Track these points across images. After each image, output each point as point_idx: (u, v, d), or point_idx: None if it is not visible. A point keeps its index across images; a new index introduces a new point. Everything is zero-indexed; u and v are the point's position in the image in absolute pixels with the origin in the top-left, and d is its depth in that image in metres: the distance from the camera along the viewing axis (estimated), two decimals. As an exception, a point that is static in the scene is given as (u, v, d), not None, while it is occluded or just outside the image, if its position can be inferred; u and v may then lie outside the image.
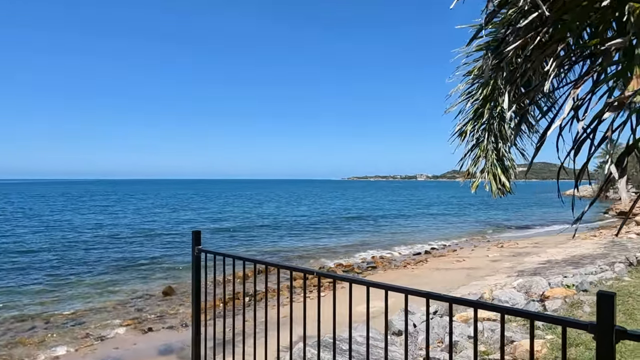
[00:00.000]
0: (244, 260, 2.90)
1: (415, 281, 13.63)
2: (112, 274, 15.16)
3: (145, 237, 24.01)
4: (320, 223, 32.59)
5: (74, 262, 17.15)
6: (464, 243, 22.83)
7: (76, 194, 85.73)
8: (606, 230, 23.56)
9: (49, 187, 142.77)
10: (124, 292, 13.03)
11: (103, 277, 14.75)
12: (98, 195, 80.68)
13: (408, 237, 25.07)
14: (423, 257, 18.46)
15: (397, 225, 31.13)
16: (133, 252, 19.54)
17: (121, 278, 14.67)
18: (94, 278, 14.62)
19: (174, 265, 16.89)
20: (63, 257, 18.12)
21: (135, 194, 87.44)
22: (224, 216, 37.61)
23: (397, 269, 15.99)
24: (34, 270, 15.51)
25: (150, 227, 28.78)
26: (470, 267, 15.45)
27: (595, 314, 1.27)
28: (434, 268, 15.76)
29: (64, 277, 14.62)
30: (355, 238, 24.56)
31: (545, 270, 12.58)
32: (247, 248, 20.94)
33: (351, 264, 16.82)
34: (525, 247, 20.00)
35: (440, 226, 30.93)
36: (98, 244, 21.46)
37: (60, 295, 12.51)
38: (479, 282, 12.21)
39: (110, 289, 13.27)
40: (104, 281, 14.20)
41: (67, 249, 20.04)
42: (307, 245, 21.96)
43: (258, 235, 25.53)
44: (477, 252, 19.09)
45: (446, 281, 13.18)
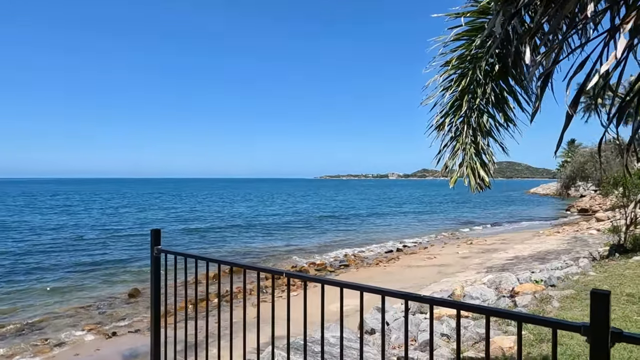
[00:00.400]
0: (207, 261, 2.71)
1: (387, 278, 13.67)
2: (75, 278, 14.47)
3: (111, 238, 23.14)
4: (293, 222, 32.38)
5: (33, 266, 16.29)
6: (435, 240, 23.16)
7: (37, 193, 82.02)
8: (569, 227, 24.46)
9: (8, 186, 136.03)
10: (87, 296, 12.44)
11: (64, 281, 14.05)
12: (60, 195, 77.44)
13: (380, 235, 25.22)
14: (395, 254, 18.58)
15: (369, 224, 31.31)
16: (97, 254, 18.76)
17: (84, 281, 14.01)
18: (55, 282, 13.90)
19: (141, 266, 16.29)
20: (20, 261, 17.20)
21: (102, 193, 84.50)
22: (194, 216, 36.81)
23: (369, 267, 16.02)
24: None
25: (116, 228, 27.80)
26: (441, 263, 15.65)
27: (589, 315, 1.17)
28: (406, 265, 15.88)
29: (21, 283, 13.83)
30: (328, 237, 24.52)
31: (513, 266, 12.88)
32: (218, 248, 20.52)
33: (324, 262, 16.73)
34: (493, 243, 20.47)
35: (412, 224, 31.33)
36: (59, 247, 20.50)
37: (17, 302, 11.79)
38: (449, 279, 12.35)
39: (72, 293, 12.64)
40: (65, 285, 13.52)
41: (25, 253, 19.05)
42: (279, 244, 21.73)
43: (229, 235, 25.08)
44: (448, 249, 19.39)
45: (418, 278, 13.28)
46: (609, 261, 9.22)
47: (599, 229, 20.47)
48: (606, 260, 9.49)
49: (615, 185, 10.75)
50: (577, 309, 5.40)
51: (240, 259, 17.90)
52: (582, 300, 5.78)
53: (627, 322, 4.83)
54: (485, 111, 2.81)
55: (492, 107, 2.80)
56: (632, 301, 5.52)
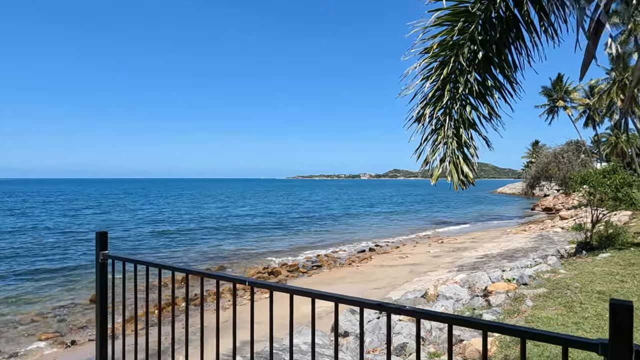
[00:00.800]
0: (160, 268, 2.41)
1: (359, 278, 13.56)
2: (32, 284, 13.62)
3: (72, 242, 22.08)
4: (265, 223, 31.93)
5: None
6: (407, 240, 23.29)
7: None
8: (534, 225, 25.14)
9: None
10: (44, 302, 11.70)
11: (20, 288, 13.21)
12: (18, 195, 73.76)
13: (353, 235, 25.18)
14: (367, 254, 18.52)
15: (342, 224, 31.25)
16: (56, 258, 17.81)
17: (42, 288, 13.20)
18: (9, 290, 13.05)
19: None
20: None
21: (66, 194, 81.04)
22: (162, 217, 35.74)
23: (342, 267, 15.87)
24: None
25: (79, 231, 26.59)
26: (413, 263, 15.68)
27: (608, 330, 0.99)
28: (378, 265, 15.82)
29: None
30: (301, 237, 24.26)
31: (484, 265, 13.01)
32: (187, 250, 19.89)
33: (296, 263, 16.46)
34: (463, 242, 20.76)
35: (385, 224, 31.48)
36: (15, 251, 19.38)
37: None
38: (422, 278, 12.35)
39: (29, 301, 11.87)
40: (21, 293, 12.69)
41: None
42: (251, 246, 21.31)
43: (200, 237, 24.42)
44: (419, 248, 19.51)
45: (390, 277, 13.23)
46: (576, 259, 9.40)
47: (564, 227, 21.10)
48: (574, 258, 9.67)
49: (581, 183, 11.00)
50: (551, 307, 5.38)
51: (210, 261, 17.40)
52: (554, 298, 5.78)
53: (600, 321, 4.82)
54: (468, 102, 2.65)
55: (475, 98, 2.65)
56: (604, 299, 5.56)
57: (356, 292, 11.51)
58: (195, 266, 16.16)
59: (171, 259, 17.77)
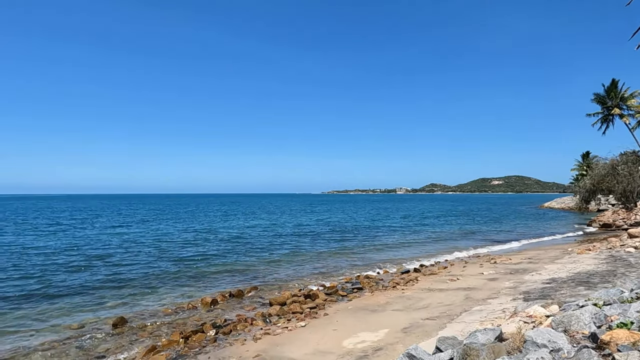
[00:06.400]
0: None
1: (407, 304, 12.00)
2: (57, 305, 12.95)
3: (99, 258, 21.71)
4: (299, 240, 30.75)
5: (9, 292, 14.87)
6: (454, 259, 21.40)
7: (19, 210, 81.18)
8: (599, 244, 22.54)
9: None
10: (67, 326, 10.90)
11: (44, 308, 12.56)
12: (45, 211, 76.47)
13: (394, 254, 23.51)
14: (412, 275, 16.87)
15: (381, 241, 29.58)
16: (82, 274, 17.29)
17: (67, 308, 12.49)
18: (32, 310, 12.42)
19: (132, 291, 14.76)
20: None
21: (89, 209, 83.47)
22: (212, 234, 35.33)
23: (385, 290, 14.34)
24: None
25: (106, 248, 26.37)
26: (466, 287, 13.93)
27: None
28: (427, 288, 14.18)
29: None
30: (338, 255, 22.85)
31: (554, 292, 11.15)
32: (219, 267, 18.91)
33: (335, 285, 15.06)
34: (519, 262, 18.68)
35: (427, 241, 29.53)
36: (44, 268, 19.10)
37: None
38: (482, 307, 10.65)
39: (51, 323, 11.13)
40: (45, 313, 12.01)
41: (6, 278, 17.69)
42: (285, 264, 20.12)
43: (229, 254, 23.52)
44: (470, 269, 17.64)
45: (443, 305, 11.59)
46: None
47: (637, 246, 18.61)
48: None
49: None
50: None
51: (245, 280, 16.31)
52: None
53: None
54: None
55: None
56: None
57: (405, 323, 9.99)
58: (224, 286, 15.09)
59: (203, 277, 16.82)
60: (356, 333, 9.40)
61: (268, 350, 8.60)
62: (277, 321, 10.99)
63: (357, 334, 9.35)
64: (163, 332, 10.39)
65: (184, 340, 9.60)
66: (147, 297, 13.76)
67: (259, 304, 13.13)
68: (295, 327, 10.29)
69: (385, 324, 10.03)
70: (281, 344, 9.02)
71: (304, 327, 10.36)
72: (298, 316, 11.28)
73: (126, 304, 12.96)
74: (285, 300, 12.83)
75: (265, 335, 9.79)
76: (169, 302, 13.13)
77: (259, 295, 14.16)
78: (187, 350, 9.04)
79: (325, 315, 11.37)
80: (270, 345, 8.94)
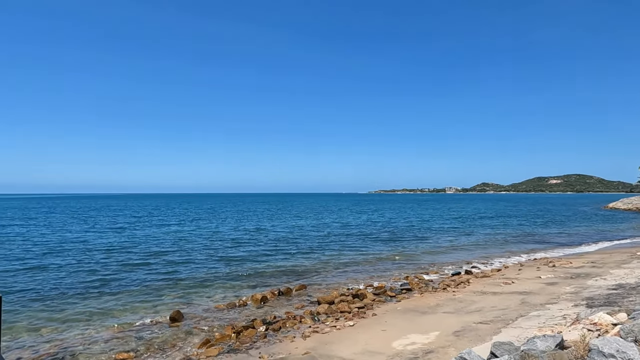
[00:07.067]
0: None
1: (459, 307, 11.65)
2: (119, 298, 13.81)
3: (155, 256, 22.84)
4: (343, 239, 30.73)
5: (76, 286, 15.99)
6: (508, 261, 20.50)
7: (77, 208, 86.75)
8: (673, 248, 20.69)
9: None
10: (127, 318, 11.59)
11: (108, 301, 13.42)
12: (107, 210, 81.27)
13: (444, 255, 22.90)
14: (464, 277, 16.35)
15: (431, 242, 28.91)
16: (140, 270, 18.29)
17: (128, 301, 13.29)
18: (98, 303, 13.30)
19: (190, 284, 15.47)
20: (67, 279, 17.06)
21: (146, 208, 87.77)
22: (261, 233, 36.29)
23: (435, 292, 14.00)
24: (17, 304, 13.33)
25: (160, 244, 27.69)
26: (522, 290, 13.30)
27: None
28: (479, 291, 13.69)
29: (64, 304, 13.33)
30: (385, 255, 22.60)
31: (622, 299, 10.38)
32: (268, 265, 19.31)
33: (383, 285, 14.91)
34: (581, 266, 17.56)
35: (479, 243, 28.49)
36: (105, 264, 20.39)
37: (57, 325, 11.14)
38: (540, 312, 10.12)
39: (114, 315, 11.87)
40: (108, 306, 12.84)
41: (75, 271, 19.03)
42: (333, 263, 20.18)
43: (272, 251, 23.94)
44: (526, 272, 16.82)
45: (497, 309, 11.13)
46: None
47: None
48: None
49: None
50: None
51: (293, 279, 16.55)
52: None
53: None
54: None
55: None
56: None
57: (456, 326, 9.70)
58: (273, 284, 15.39)
59: (252, 275, 17.26)
60: (406, 334, 9.26)
61: (317, 348, 8.67)
62: (325, 320, 11.05)
63: (407, 335, 9.20)
64: (216, 326, 10.78)
65: (236, 335, 9.90)
66: (201, 293, 14.32)
67: (307, 302, 13.27)
68: (343, 326, 10.30)
69: (435, 326, 9.79)
70: (330, 342, 9.06)
71: (352, 326, 10.34)
72: (346, 315, 11.28)
73: (181, 299, 13.56)
74: (334, 299, 12.87)
75: (313, 333, 9.87)
76: (220, 298, 13.59)
77: (307, 293, 14.31)
78: (239, 344, 9.31)
79: (374, 315, 11.29)
80: (319, 344, 9.01)
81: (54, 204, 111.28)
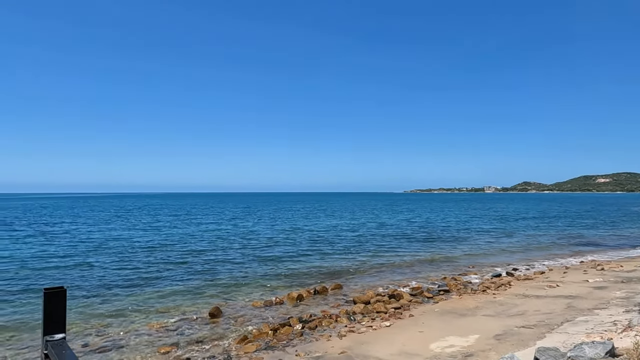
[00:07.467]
0: None
1: (500, 310, 11.29)
2: (161, 293, 14.34)
3: (195, 253, 23.51)
4: (380, 239, 30.45)
5: (120, 282, 16.70)
6: (552, 264, 19.66)
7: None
8: None
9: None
10: (168, 311, 12.02)
11: (152, 296, 13.96)
12: (144, 209, 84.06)
13: (484, 256, 22.26)
14: (505, 279, 15.82)
15: (470, 243, 28.17)
16: (181, 267, 18.88)
17: (170, 297, 13.78)
18: (143, 297, 13.86)
19: (228, 281, 15.87)
20: (114, 276, 17.84)
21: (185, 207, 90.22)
22: (296, 233, 36.70)
23: (474, 294, 13.63)
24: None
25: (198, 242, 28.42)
26: (568, 294, 12.72)
27: None
28: (521, 294, 13.21)
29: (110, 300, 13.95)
30: (422, 256, 22.22)
31: (680, 305, 9.71)
32: (297, 265, 19.46)
33: (420, 286, 14.68)
34: (633, 270, 16.59)
35: (521, 243, 27.49)
36: (137, 259, 21.18)
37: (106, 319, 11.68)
38: (588, 317, 9.64)
39: (156, 309, 12.34)
40: (152, 301, 13.36)
41: (120, 268, 19.87)
42: (369, 262, 20.06)
43: (310, 252, 24.05)
44: (572, 276, 16.07)
45: (541, 313, 10.71)
46: None
47: None
48: None
49: None
50: None
51: (328, 278, 16.60)
52: None
53: None
54: None
55: None
56: None
57: (497, 329, 9.40)
58: (309, 284, 15.48)
59: (288, 274, 17.45)
60: (444, 337, 9.07)
61: (353, 348, 8.66)
62: (361, 319, 11.01)
63: (445, 337, 9.02)
64: (253, 323, 10.98)
65: (273, 332, 10.04)
66: (238, 291, 14.62)
67: (343, 301, 13.27)
68: (379, 327, 10.23)
69: (475, 329, 9.54)
70: (366, 342, 9.02)
71: (389, 327, 10.25)
72: (382, 316, 11.19)
73: (219, 296, 13.90)
74: (369, 299, 12.80)
75: (349, 332, 9.86)
76: (257, 296, 13.83)
77: (343, 293, 14.30)
78: (275, 342, 9.44)
79: (411, 316, 11.14)
80: (355, 343, 8.98)
81: (97, 203, 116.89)
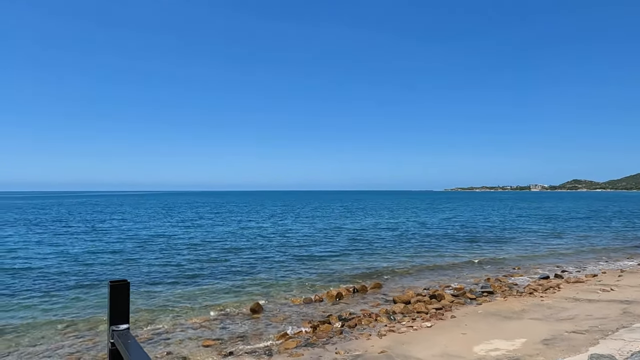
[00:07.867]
0: None
1: (546, 313, 10.82)
2: (204, 288, 14.81)
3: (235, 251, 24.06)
4: (421, 238, 29.94)
5: (167, 276, 17.36)
6: (606, 266, 18.59)
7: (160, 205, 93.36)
8: None
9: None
10: (213, 308, 12.39)
11: (194, 291, 14.45)
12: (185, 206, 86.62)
13: (531, 257, 21.38)
14: (553, 282, 15.14)
15: (515, 242, 27.14)
16: (221, 264, 19.40)
17: (213, 292, 14.22)
18: (185, 291, 14.39)
19: (268, 277, 16.19)
20: (159, 271, 18.56)
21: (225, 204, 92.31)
22: (335, 232, 36.86)
23: (520, 297, 13.13)
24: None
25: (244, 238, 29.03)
26: (624, 299, 11.98)
27: None
28: (571, 298, 12.59)
29: (155, 293, 14.58)
30: (464, 256, 21.65)
31: None
32: (337, 266, 19.48)
33: (462, 287, 14.32)
34: (698, 275, 15.38)
35: (571, 244, 26.16)
36: (179, 256, 21.89)
37: (153, 311, 12.22)
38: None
39: (199, 303, 12.78)
40: (195, 295, 13.84)
41: (165, 264, 20.65)
42: (409, 262, 19.79)
43: (349, 251, 24.00)
44: (629, 279, 15.13)
45: (593, 318, 10.16)
46: None
47: None
48: None
49: None
50: None
51: (368, 276, 16.54)
52: None
53: None
54: None
55: None
56: None
57: (545, 334, 9.01)
58: (348, 282, 15.48)
59: (327, 272, 17.53)
60: (488, 339, 8.81)
61: (393, 348, 8.58)
62: (401, 319, 10.89)
63: (490, 340, 8.75)
64: (293, 320, 11.13)
65: (313, 329, 10.13)
66: (278, 287, 14.86)
67: (383, 300, 13.18)
68: (420, 327, 10.07)
69: (521, 332, 9.20)
70: (407, 342, 8.92)
71: (430, 327, 10.07)
72: (423, 316, 11.02)
73: (260, 292, 14.17)
74: (410, 299, 12.64)
75: (389, 332, 9.78)
76: (297, 293, 13.98)
77: (382, 292, 14.20)
78: (315, 339, 9.52)
79: (453, 317, 10.89)
80: (396, 343, 8.90)
81: (142, 200, 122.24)
